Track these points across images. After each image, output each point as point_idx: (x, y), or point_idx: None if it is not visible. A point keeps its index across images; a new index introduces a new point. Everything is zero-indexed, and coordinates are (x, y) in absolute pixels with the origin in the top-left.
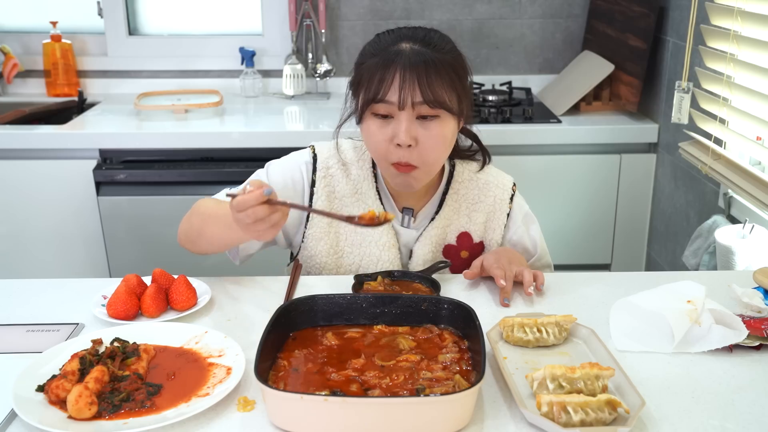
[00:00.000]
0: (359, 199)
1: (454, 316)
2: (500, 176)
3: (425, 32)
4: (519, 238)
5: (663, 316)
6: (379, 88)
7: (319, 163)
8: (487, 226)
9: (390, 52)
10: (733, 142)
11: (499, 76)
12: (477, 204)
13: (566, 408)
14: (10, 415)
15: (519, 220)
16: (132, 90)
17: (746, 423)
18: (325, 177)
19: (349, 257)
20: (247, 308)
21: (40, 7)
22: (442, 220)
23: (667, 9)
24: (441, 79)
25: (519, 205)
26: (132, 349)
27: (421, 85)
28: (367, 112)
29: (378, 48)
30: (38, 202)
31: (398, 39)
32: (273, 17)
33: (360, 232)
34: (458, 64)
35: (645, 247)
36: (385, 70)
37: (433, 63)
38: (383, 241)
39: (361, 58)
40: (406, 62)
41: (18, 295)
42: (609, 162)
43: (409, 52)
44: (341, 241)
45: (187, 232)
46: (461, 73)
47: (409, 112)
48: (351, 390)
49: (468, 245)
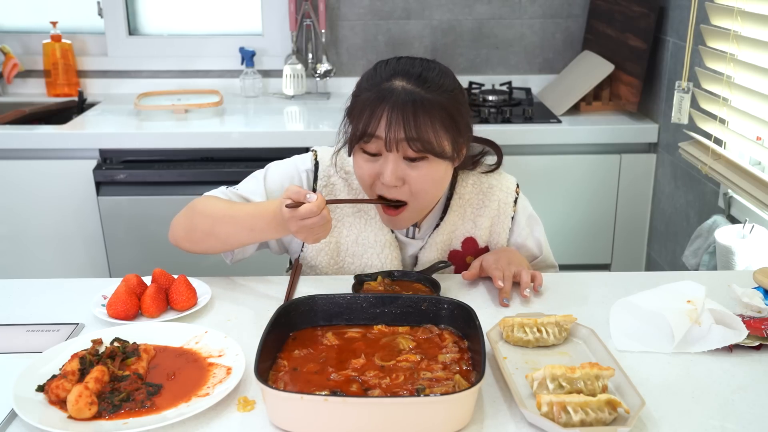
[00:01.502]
0: (360, 209)
1: (454, 316)
2: (503, 179)
3: (422, 68)
4: (523, 240)
5: (663, 316)
6: (367, 125)
7: (320, 171)
8: (492, 230)
9: (382, 89)
10: (733, 142)
11: (499, 76)
12: (482, 209)
13: (566, 408)
14: (10, 415)
15: (523, 223)
16: (132, 90)
17: (746, 423)
18: (326, 186)
19: (350, 267)
20: (247, 308)
21: (40, 7)
22: (448, 227)
23: (667, 9)
24: (431, 120)
25: (523, 208)
26: (132, 349)
27: (407, 126)
28: (356, 147)
29: (373, 82)
30: (38, 202)
31: (393, 74)
32: (273, 17)
33: (361, 243)
34: (453, 103)
35: (645, 247)
36: (375, 107)
37: (422, 104)
38: (386, 253)
39: (357, 89)
40: (395, 101)
41: (18, 295)
42: (609, 162)
43: (400, 90)
44: (342, 251)
45: (189, 231)
46: (455, 113)
47: (396, 153)
48: (351, 390)
49: (473, 250)
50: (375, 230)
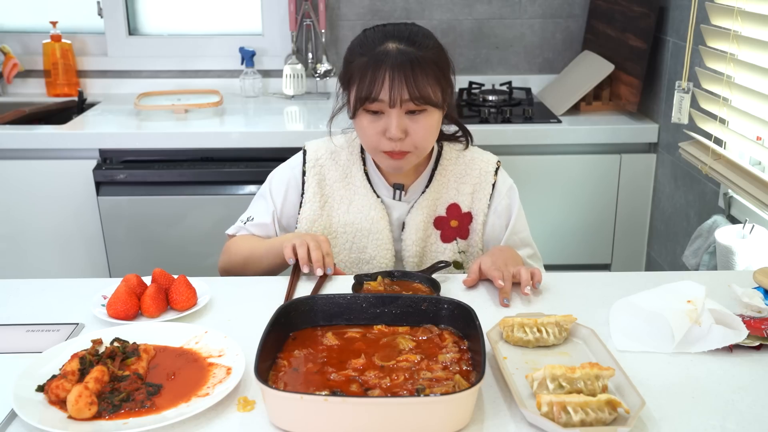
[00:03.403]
0: (349, 182)
1: (454, 316)
2: (485, 154)
3: (409, 30)
4: (504, 208)
5: (663, 316)
6: (371, 88)
7: (308, 155)
8: (474, 196)
9: (378, 53)
10: (733, 142)
11: (499, 76)
12: (464, 177)
13: (566, 408)
14: (10, 415)
15: (504, 192)
16: (132, 90)
17: (746, 423)
18: (314, 167)
19: (343, 237)
20: (247, 308)
21: (40, 7)
22: (432, 194)
23: (667, 9)
24: (426, 76)
25: (503, 178)
26: (132, 349)
27: (409, 84)
28: (360, 109)
29: (366, 47)
30: (38, 202)
31: (385, 38)
32: (273, 17)
33: (352, 211)
34: (441, 59)
35: (645, 247)
36: (375, 70)
37: (418, 62)
38: (372, 216)
39: (350, 55)
40: (394, 63)
41: (18, 295)
42: (609, 162)
43: (395, 52)
44: (334, 222)
45: (229, 271)
46: (444, 67)
47: (399, 109)
48: (351, 390)
49: (457, 215)
50: (361, 197)
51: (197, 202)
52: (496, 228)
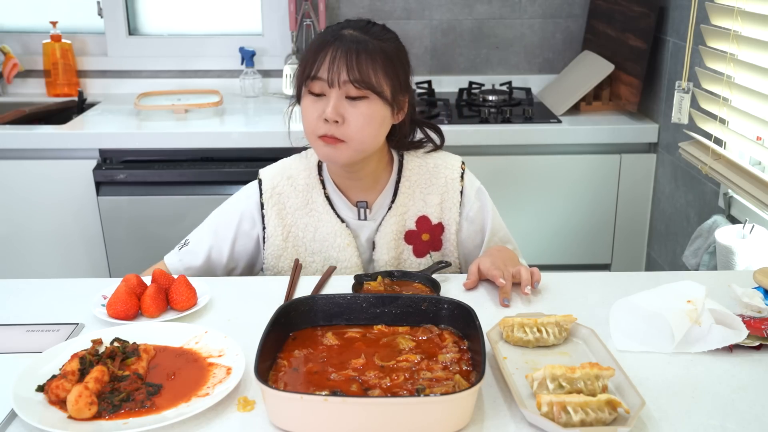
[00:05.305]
0: (311, 209)
1: (454, 316)
2: (448, 158)
3: (371, 24)
4: (476, 213)
5: (663, 316)
6: (313, 66)
7: (264, 184)
8: (443, 206)
9: (330, 37)
10: (733, 142)
11: (499, 76)
12: (430, 187)
13: (566, 408)
14: (10, 415)
15: (473, 196)
16: (132, 90)
17: (746, 423)
18: (272, 196)
19: (312, 266)
20: (247, 308)
21: (40, 7)
22: (399, 208)
23: (667, 9)
24: (372, 62)
25: (470, 182)
26: (132, 349)
27: (350, 65)
28: (304, 90)
29: (323, 35)
30: (38, 202)
31: (343, 27)
32: (273, 17)
33: (318, 239)
34: (395, 54)
35: (645, 247)
36: (321, 50)
37: (365, 46)
38: (338, 243)
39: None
40: (340, 44)
41: (18, 295)
42: (609, 162)
43: (347, 36)
44: (301, 253)
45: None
46: (397, 63)
47: (338, 91)
48: (351, 390)
49: (428, 228)
50: (324, 224)
51: (197, 202)
52: (471, 234)
